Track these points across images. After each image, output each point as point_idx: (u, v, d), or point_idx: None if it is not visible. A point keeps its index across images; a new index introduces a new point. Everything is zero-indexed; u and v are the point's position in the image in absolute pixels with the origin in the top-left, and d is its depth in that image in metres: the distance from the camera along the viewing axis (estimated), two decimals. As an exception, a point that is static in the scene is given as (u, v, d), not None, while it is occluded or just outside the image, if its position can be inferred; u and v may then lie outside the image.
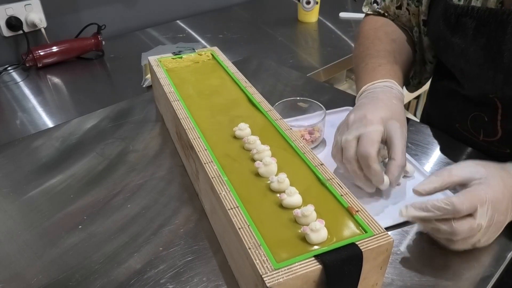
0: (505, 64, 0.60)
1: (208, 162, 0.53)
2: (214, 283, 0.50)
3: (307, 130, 0.69)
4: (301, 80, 0.97)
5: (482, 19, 0.59)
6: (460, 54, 0.65)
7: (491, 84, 0.64)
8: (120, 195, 0.63)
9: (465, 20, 0.61)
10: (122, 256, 0.53)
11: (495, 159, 0.58)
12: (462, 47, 0.64)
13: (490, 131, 0.68)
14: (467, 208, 0.47)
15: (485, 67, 0.62)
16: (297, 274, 0.39)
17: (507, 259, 0.52)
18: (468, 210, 0.47)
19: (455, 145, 0.72)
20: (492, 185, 0.49)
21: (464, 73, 0.69)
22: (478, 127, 0.70)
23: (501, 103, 0.65)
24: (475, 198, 0.47)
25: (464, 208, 0.46)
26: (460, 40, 0.63)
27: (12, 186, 0.66)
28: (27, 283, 0.50)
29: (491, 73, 0.62)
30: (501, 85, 0.62)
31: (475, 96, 0.69)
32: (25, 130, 0.89)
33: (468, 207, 0.47)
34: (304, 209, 0.44)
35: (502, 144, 0.68)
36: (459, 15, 0.62)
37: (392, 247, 0.43)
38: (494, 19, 0.58)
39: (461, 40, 0.63)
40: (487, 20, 0.59)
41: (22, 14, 1.17)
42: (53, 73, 1.14)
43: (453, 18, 0.63)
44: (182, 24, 1.49)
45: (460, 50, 0.64)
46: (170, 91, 0.69)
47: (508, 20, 0.57)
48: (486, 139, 0.70)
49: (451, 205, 0.46)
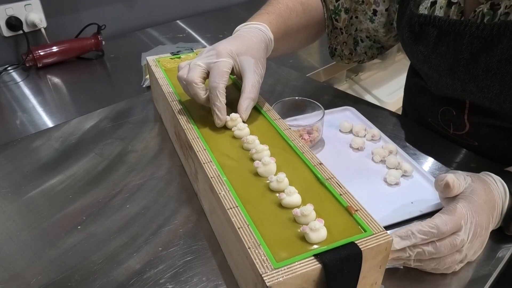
0: (461, 72, 0.62)
1: (207, 162, 0.53)
2: (214, 283, 0.50)
3: (306, 129, 0.69)
4: (300, 80, 0.97)
5: (443, 29, 0.61)
6: (423, 61, 0.67)
7: (451, 90, 0.66)
8: (120, 196, 0.63)
9: (427, 28, 0.63)
10: (121, 256, 0.53)
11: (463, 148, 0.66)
12: (425, 54, 0.66)
13: (459, 125, 0.70)
14: (451, 228, 0.46)
15: (445, 74, 0.65)
16: (296, 273, 0.39)
17: (505, 259, 0.53)
18: (452, 230, 0.47)
19: (450, 146, 0.72)
20: (475, 200, 0.49)
21: (428, 77, 0.71)
22: (447, 121, 0.72)
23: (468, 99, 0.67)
24: (458, 217, 0.47)
25: (448, 229, 0.46)
26: (423, 47, 0.66)
27: (11, 186, 0.66)
28: (27, 284, 0.50)
29: (449, 80, 0.65)
30: (459, 91, 0.65)
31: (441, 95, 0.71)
32: (25, 130, 0.89)
33: (452, 227, 0.46)
34: (303, 209, 0.44)
35: (470, 137, 0.70)
36: (422, 24, 0.64)
37: (391, 246, 0.43)
38: (453, 29, 0.60)
39: (424, 48, 0.65)
40: (447, 29, 0.61)
41: (22, 14, 1.17)
42: (53, 73, 1.14)
43: (417, 27, 0.65)
44: (182, 24, 1.48)
45: (423, 57, 0.67)
46: (168, 91, 0.69)
47: (465, 31, 0.59)
48: (455, 132, 0.72)
49: (436, 228, 0.46)
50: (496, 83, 0.59)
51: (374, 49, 0.85)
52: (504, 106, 0.61)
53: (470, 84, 0.62)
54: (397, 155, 0.68)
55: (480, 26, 0.57)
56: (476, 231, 0.48)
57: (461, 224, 0.47)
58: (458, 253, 0.48)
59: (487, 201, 0.50)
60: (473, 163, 0.68)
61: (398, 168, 0.65)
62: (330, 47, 0.87)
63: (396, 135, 0.76)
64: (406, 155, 0.68)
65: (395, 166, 0.66)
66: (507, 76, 0.57)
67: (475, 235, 0.48)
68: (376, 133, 0.73)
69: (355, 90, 1.52)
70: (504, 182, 0.53)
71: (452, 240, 0.46)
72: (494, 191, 0.52)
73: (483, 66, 0.59)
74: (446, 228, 0.46)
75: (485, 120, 0.66)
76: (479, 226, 0.48)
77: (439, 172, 0.67)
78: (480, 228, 0.48)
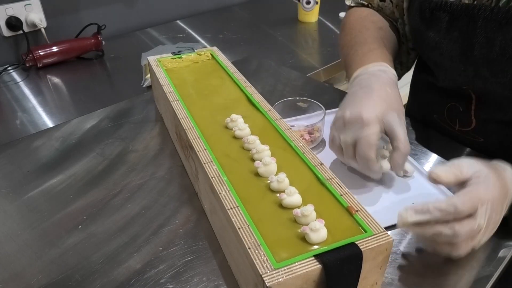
0: (475, 57, 0.61)
1: (207, 162, 0.53)
2: (214, 283, 0.50)
3: (307, 130, 0.69)
4: (301, 80, 0.97)
5: (455, 13, 0.61)
6: (435, 47, 0.66)
7: (462, 76, 0.65)
8: (120, 195, 0.63)
9: (439, 14, 0.63)
10: (122, 256, 0.53)
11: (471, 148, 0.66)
12: (436, 40, 0.65)
13: (465, 121, 0.70)
14: (469, 208, 0.46)
15: (457, 60, 0.64)
16: (297, 273, 0.39)
17: (507, 259, 0.53)
18: (469, 211, 0.46)
19: (453, 145, 0.72)
20: (491, 184, 0.49)
21: (438, 66, 0.70)
22: (454, 118, 0.72)
23: (475, 94, 0.67)
24: (476, 198, 0.47)
25: (466, 209, 0.46)
26: (434, 33, 0.65)
27: (11, 186, 0.66)
28: (27, 283, 0.50)
29: (461, 66, 0.64)
30: (471, 77, 0.64)
31: (450, 88, 0.71)
32: (25, 130, 0.89)
33: (469, 207, 0.46)
34: (303, 209, 0.44)
35: (476, 134, 0.70)
36: (433, 9, 0.63)
37: (392, 246, 0.43)
38: (466, 14, 0.59)
39: (435, 34, 0.65)
40: (460, 14, 0.60)
41: (22, 14, 1.17)
42: (53, 73, 1.14)
43: (428, 12, 0.64)
44: (182, 24, 1.48)
45: (434, 43, 0.66)
46: (169, 91, 0.69)
47: (478, 14, 0.58)
48: (461, 129, 0.71)
49: (453, 206, 0.45)
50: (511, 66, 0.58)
51: None
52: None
53: (484, 69, 0.61)
54: (398, 155, 0.68)
55: (495, 9, 0.56)
56: (491, 215, 0.48)
57: (477, 206, 0.46)
58: (471, 239, 0.47)
59: (501, 187, 0.50)
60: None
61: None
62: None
63: (396, 135, 0.75)
64: (406, 156, 0.68)
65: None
66: None
67: (490, 220, 0.48)
68: (376, 133, 0.73)
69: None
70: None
71: (471, 225, 0.46)
72: (506, 178, 0.51)
73: (498, 50, 0.58)
74: (463, 207, 0.45)
75: (492, 116, 0.66)
76: (494, 211, 0.48)
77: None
78: (495, 213, 0.48)
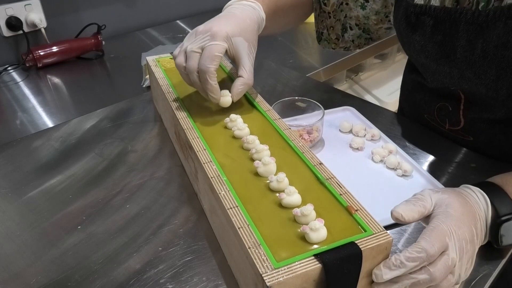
0: (458, 60, 0.62)
1: (207, 162, 0.53)
2: (214, 282, 0.50)
3: (306, 129, 0.69)
4: (300, 80, 0.97)
5: (439, 17, 0.62)
6: (420, 50, 0.67)
7: (448, 78, 0.66)
8: (120, 195, 0.63)
9: (423, 18, 0.64)
10: (121, 256, 0.53)
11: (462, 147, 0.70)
12: (421, 43, 0.66)
13: (454, 121, 0.71)
14: (439, 248, 0.44)
15: (442, 63, 0.65)
16: (297, 273, 0.39)
17: (505, 258, 0.53)
18: (441, 250, 0.44)
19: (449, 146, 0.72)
20: (451, 214, 0.47)
21: (425, 68, 0.71)
22: (443, 117, 0.73)
23: (463, 93, 0.68)
24: (442, 234, 0.45)
25: (437, 250, 0.44)
26: (420, 37, 0.66)
27: (11, 186, 0.66)
28: (27, 284, 0.50)
29: (447, 68, 0.65)
30: (456, 79, 0.65)
31: (438, 88, 0.72)
32: (25, 130, 0.89)
33: (439, 247, 0.44)
34: (303, 208, 0.44)
35: (465, 133, 0.71)
36: (419, 14, 0.65)
37: (391, 245, 0.43)
38: (449, 17, 0.61)
39: (421, 37, 0.66)
40: (443, 18, 0.61)
41: (22, 14, 1.17)
42: (53, 73, 1.14)
43: (413, 17, 0.66)
44: (182, 24, 1.49)
45: (420, 47, 0.67)
46: (168, 91, 0.69)
47: (460, 18, 0.59)
48: (451, 128, 0.72)
49: (424, 251, 0.43)
50: (493, 68, 0.59)
51: (362, 39, 0.85)
52: (500, 93, 0.61)
53: (467, 71, 0.62)
54: (397, 155, 0.69)
55: (475, 13, 0.57)
56: (462, 245, 0.46)
57: (446, 241, 0.45)
58: (451, 275, 0.46)
59: (465, 213, 0.48)
60: (473, 162, 0.68)
61: (398, 168, 0.65)
62: (317, 31, 0.88)
63: (396, 135, 0.76)
64: (406, 155, 0.68)
65: (395, 166, 0.66)
66: (504, 61, 0.57)
67: (462, 251, 0.46)
68: (376, 133, 0.73)
69: (355, 90, 1.52)
70: (485, 193, 0.51)
71: (444, 262, 0.44)
72: (471, 202, 0.50)
73: (480, 52, 0.59)
74: (433, 249, 0.43)
75: (479, 115, 0.67)
76: (463, 239, 0.46)
77: (439, 172, 0.66)
78: (465, 242, 0.46)
